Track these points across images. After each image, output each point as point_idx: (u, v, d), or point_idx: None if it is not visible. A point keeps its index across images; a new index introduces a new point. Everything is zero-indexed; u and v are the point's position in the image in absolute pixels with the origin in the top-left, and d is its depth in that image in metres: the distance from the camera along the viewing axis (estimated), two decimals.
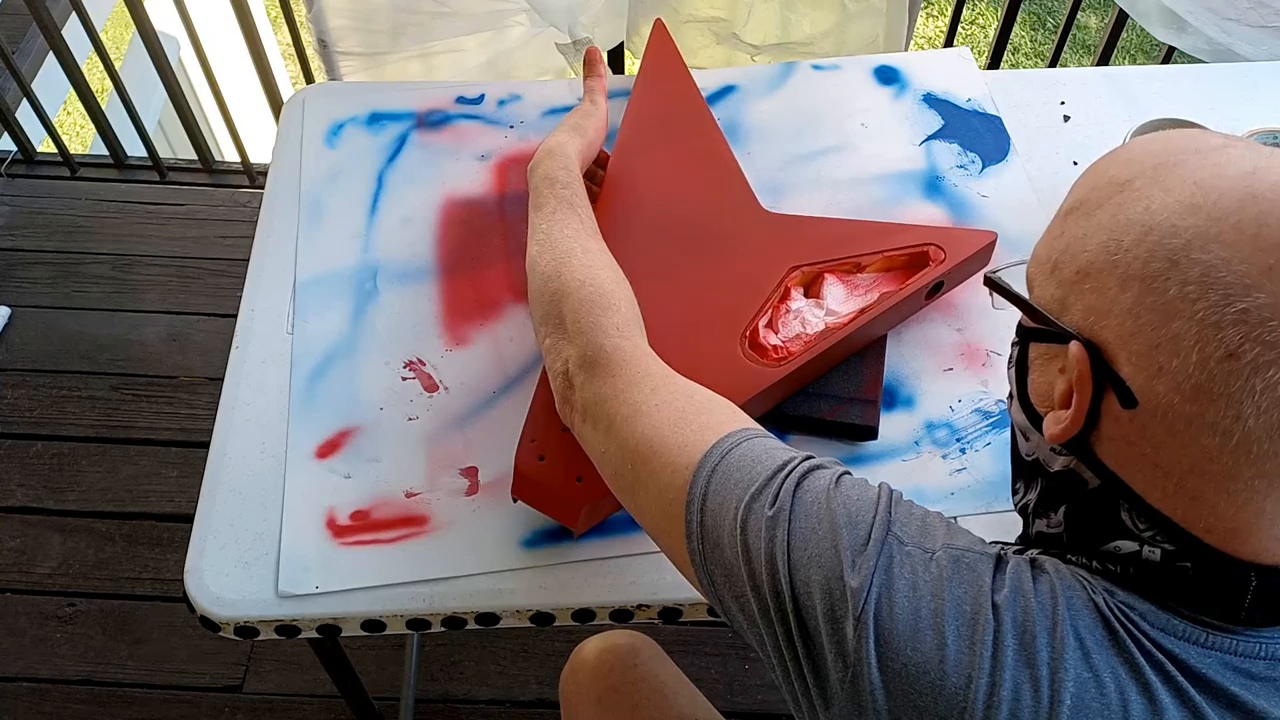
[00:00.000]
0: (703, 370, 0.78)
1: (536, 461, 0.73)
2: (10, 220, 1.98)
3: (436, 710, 1.43)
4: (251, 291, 0.91)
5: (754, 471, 0.54)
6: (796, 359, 0.79)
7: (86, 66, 2.02)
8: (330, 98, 1.07)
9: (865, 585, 0.48)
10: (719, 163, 0.93)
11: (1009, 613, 0.47)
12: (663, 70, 1.00)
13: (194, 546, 0.76)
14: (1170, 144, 0.50)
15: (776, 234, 0.87)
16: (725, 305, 0.82)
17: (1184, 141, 0.50)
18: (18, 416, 1.71)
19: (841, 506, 0.51)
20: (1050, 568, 0.50)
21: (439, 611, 0.74)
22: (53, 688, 1.45)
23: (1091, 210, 0.50)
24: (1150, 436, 0.46)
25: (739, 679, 1.46)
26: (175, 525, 1.60)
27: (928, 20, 4.39)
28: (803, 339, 0.80)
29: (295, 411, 0.83)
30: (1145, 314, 0.45)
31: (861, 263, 0.85)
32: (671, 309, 0.82)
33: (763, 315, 0.82)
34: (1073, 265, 0.50)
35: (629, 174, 0.91)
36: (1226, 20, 1.30)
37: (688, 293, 0.83)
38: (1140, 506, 0.48)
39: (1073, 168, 1.00)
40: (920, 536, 0.51)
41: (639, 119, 0.95)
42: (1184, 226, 0.45)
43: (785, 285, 0.84)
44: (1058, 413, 0.51)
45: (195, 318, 1.84)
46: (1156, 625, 0.48)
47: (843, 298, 0.83)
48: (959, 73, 1.09)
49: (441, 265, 0.93)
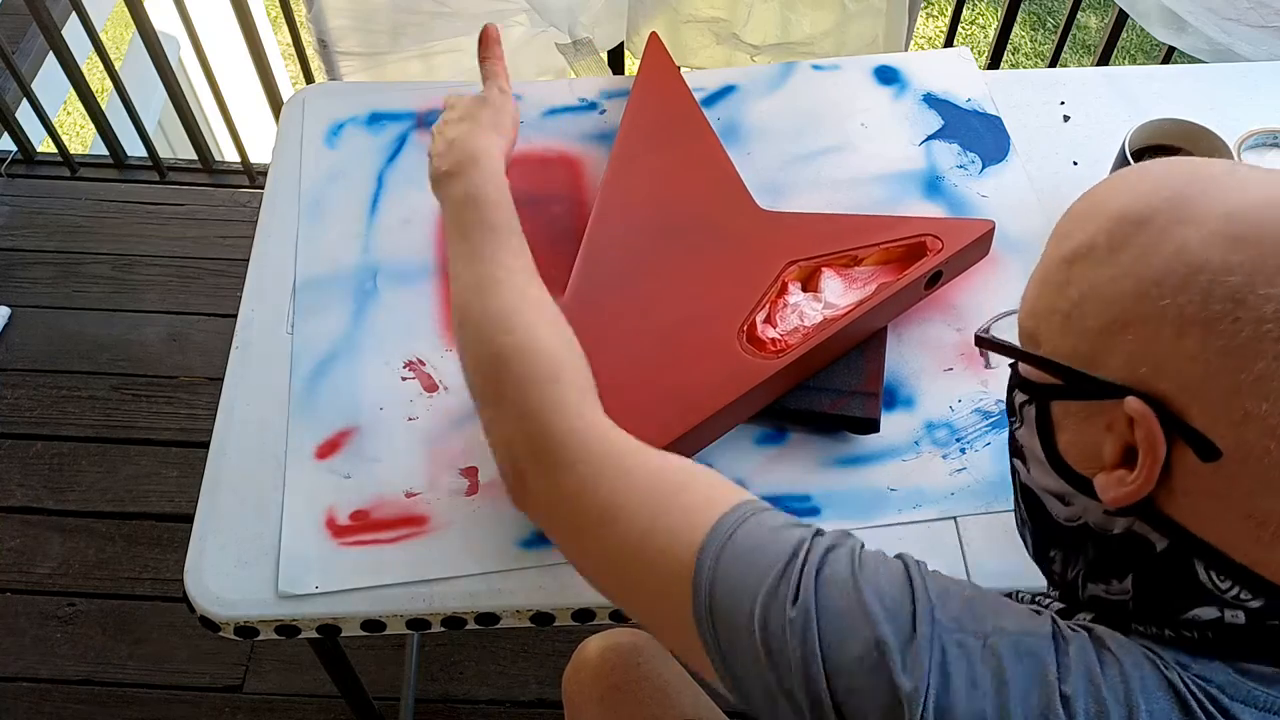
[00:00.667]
0: (699, 366, 0.78)
1: None
2: (10, 220, 1.98)
3: (436, 710, 1.43)
4: (251, 291, 0.91)
5: (763, 562, 0.49)
6: (795, 350, 0.79)
7: (86, 66, 2.02)
8: (330, 98, 1.07)
9: (921, 688, 0.44)
10: (714, 165, 0.93)
11: (1080, 704, 0.43)
12: (658, 81, 1.00)
13: (194, 546, 0.76)
14: (1174, 174, 0.47)
15: (772, 230, 0.88)
16: (722, 302, 0.82)
17: (1188, 170, 0.47)
18: (18, 416, 1.71)
19: (873, 595, 0.46)
20: (1114, 645, 0.46)
21: (439, 611, 0.74)
22: (53, 688, 1.45)
23: (1107, 255, 0.46)
24: (1241, 486, 0.43)
25: None
26: (175, 525, 1.60)
27: (928, 20, 4.39)
28: (801, 331, 0.81)
29: (295, 411, 0.83)
30: (1215, 358, 0.42)
31: (859, 256, 0.85)
32: (667, 308, 0.82)
33: (760, 310, 0.82)
34: (1100, 316, 0.46)
35: (625, 180, 0.91)
36: (1226, 20, 1.30)
37: (684, 290, 0.84)
38: (1222, 563, 0.44)
39: (1073, 168, 1.00)
40: (968, 619, 0.46)
41: (635, 128, 0.96)
42: (1236, 262, 0.42)
43: (782, 280, 0.84)
44: (1115, 473, 0.46)
45: (195, 318, 1.84)
46: (1238, 698, 0.44)
47: (841, 291, 0.84)
48: (959, 73, 1.09)
49: (441, 265, 0.93)
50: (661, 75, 1.01)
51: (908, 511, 0.78)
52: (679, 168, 0.93)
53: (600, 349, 0.76)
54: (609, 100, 1.06)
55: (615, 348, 0.80)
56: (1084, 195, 0.51)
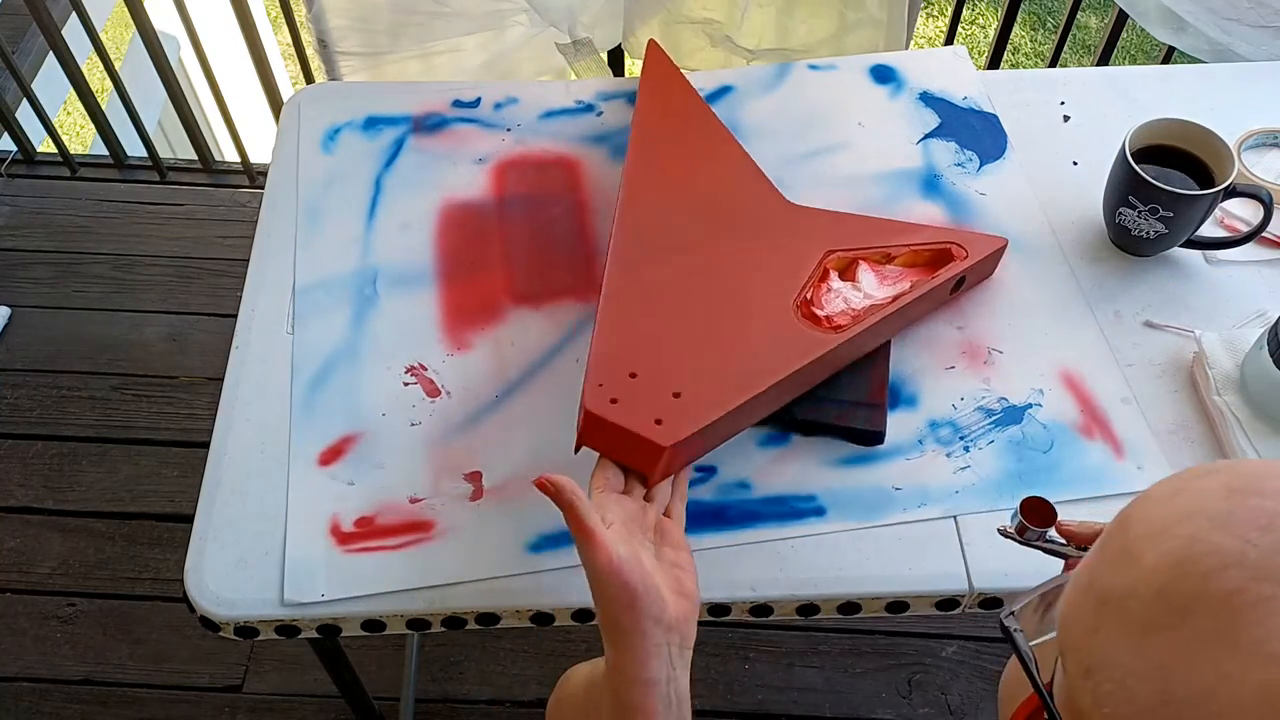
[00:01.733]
0: (759, 337, 0.79)
1: (609, 404, 0.70)
2: (10, 220, 1.98)
3: (436, 710, 1.43)
4: (251, 291, 0.91)
5: None
6: (853, 327, 0.80)
7: (86, 66, 2.02)
8: (327, 99, 1.07)
9: None
10: (736, 162, 0.94)
11: None
12: (662, 86, 1.00)
13: (194, 546, 0.76)
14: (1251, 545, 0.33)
15: (806, 224, 0.89)
16: (768, 279, 0.83)
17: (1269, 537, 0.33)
18: (18, 416, 1.71)
19: None
20: None
21: (439, 611, 0.74)
22: (53, 688, 1.46)
23: (1141, 633, 0.34)
24: None
25: (739, 679, 1.46)
26: (175, 525, 1.60)
27: (927, 20, 4.39)
28: (850, 314, 0.81)
29: (297, 418, 0.83)
30: None
31: (892, 253, 0.86)
32: (714, 278, 0.82)
33: (805, 291, 0.83)
34: (1109, 703, 0.35)
35: (648, 186, 0.90)
36: (1226, 20, 1.30)
37: (730, 280, 0.83)
38: None
39: (1073, 168, 1.00)
40: None
41: (646, 135, 0.94)
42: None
43: (824, 266, 0.85)
44: None
45: (195, 318, 1.84)
46: None
47: (875, 285, 0.84)
48: (955, 71, 1.09)
49: (441, 270, 0.93)
50: (666, 80, 1.00)
51: (913, 510, 0.78)
52: (701, 168, 0.93)
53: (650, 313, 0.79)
54: (606, 102, 1.06)
55: (665, 314, 0.79)
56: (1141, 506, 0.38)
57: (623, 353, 0.75)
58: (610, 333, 0.76)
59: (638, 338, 0.77)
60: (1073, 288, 0.91)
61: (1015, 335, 0.87)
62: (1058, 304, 0.90)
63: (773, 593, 0.74)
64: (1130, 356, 0.86)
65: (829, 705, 1.44)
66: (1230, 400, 0.80)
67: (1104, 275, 0.92)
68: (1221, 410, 0.80)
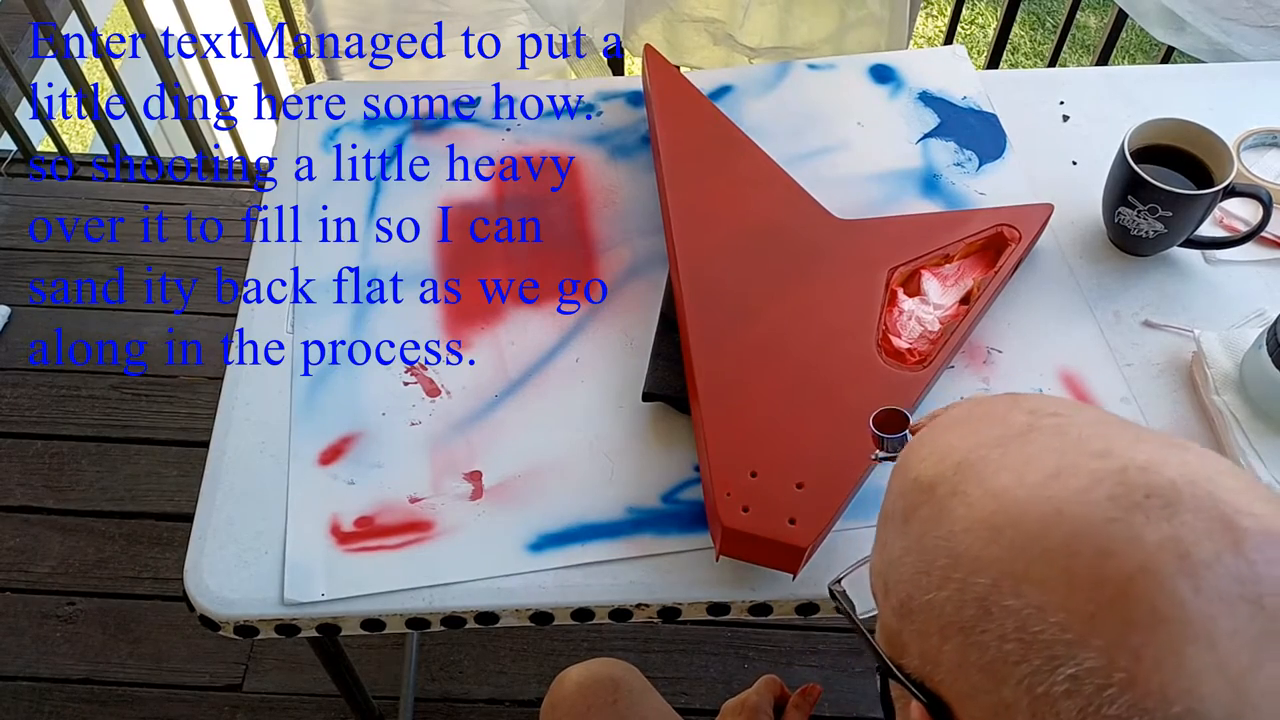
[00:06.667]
0: (849, 387, 0.77)
1: (741, 514, 0.70)
2: (10, 220, 1.98)
3: (436, 709, 1.43)
4: (251, 291, 0.91)
5: None
6: (935, 358, 0.79)
7: (86, 66, 2.02)
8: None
9: None
10: (771, 178, 0.92)
11: None
12: (674, 98, 0.97)
13: (193, 546, 0.76)
14: (978, 428, 0.41)
15: (860, 239, 0.87)
16: (844, 320, 0.81)
17: (991, 424, 0.41)
18: (18, 416, 1.71)
19: None
20: None
21: (438, 611, 0.74)
22: (53, 687, 1.46)
23: (900, 521, 0.41)
24: None
25: (738, 678, 1.46)
26: (175, 525, 1.60)
27: (927, 20, 4.39)
28: (928, 338, 0.81)
29: (297, 417, 0.83)
30: (973, 673, 0.37)
31: (949, 253, 0.86)
32: (793, 337, 0.80)
33: (883, 323, 0.81)
34: (895, 594, 0.41)
35: (698, 233, 0.87)
36: (1226, 20, 1.30)
37: (804, 314, 0.81)
38: None
39: (1072, 167, 1.00)
40: None
41: (675, 156, 0.92)
42: (988, 559, 0.36)
43: (891, 288, 0.84)
44: None
45: (195, 317, 1.84)
46: None
47: (940, 291, 0.84)
48: (953, 70, 1.09)
49: (441, 269, 0.93)
50: (676, 93, 0.98)
51: None
52: (743, 192, 0.90)
53: (749, 398, 0.76)
54: (606, 102, 1.07)
55: (763, 396, 0.77)
56: (914, 440, 0.45)
57: (737, 452, 0.73)
58: (721, 435, 0.74)
59: (746, 433, 0.74)
60: (1072, 287, 0.91)
61: (1015, 335, 0.87)
62: (1057, 304, 0.90)
63: (772, 593, 0.74)
64: (1129, 356, 0.86)
65: (828, 705, 1.44)
66: (1229, 400, 0.81)
67: (1103, 275, 0.92)
68: (1220, 410, 0.80)
